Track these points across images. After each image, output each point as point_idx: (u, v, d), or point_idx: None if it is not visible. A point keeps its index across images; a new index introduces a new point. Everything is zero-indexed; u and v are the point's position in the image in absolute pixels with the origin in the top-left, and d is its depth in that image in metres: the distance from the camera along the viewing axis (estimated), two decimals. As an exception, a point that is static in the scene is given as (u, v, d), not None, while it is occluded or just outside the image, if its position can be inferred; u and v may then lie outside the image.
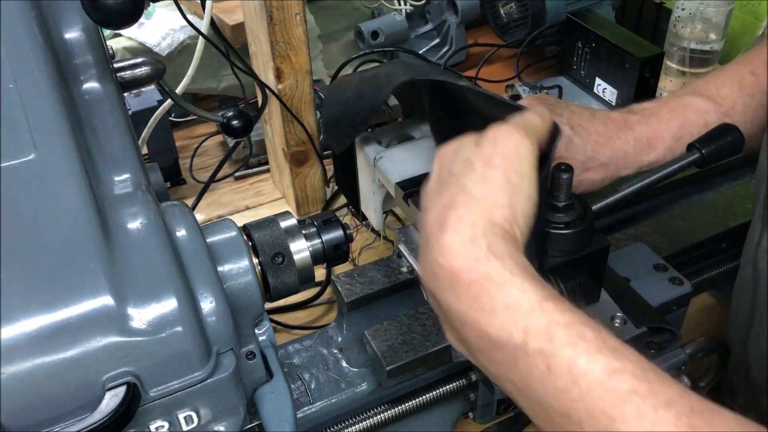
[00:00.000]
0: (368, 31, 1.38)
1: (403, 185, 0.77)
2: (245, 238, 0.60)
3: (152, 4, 0.64)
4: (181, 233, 0.53)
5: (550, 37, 1.39)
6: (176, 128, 1.33)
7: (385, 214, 0.87)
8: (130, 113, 1.09)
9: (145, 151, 1.15)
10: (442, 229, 0.49)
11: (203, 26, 0.94)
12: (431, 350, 0.69)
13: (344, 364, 0.74)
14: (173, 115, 1.32)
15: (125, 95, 0.93)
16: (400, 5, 1.48)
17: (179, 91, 1.03)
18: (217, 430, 0.53)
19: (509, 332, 0.45)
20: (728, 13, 1.28)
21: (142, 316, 0.47)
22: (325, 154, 1.15)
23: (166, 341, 0.47)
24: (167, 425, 0.50)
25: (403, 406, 0.72)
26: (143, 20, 1.26)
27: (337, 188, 1.18)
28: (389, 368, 0.67)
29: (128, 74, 0.71)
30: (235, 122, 0.87)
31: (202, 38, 0.96)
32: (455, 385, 0.73)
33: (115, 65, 0.68)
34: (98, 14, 0.49)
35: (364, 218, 0.93)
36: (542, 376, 0.43)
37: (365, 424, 0.71)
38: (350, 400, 0.72)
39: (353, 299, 0.74)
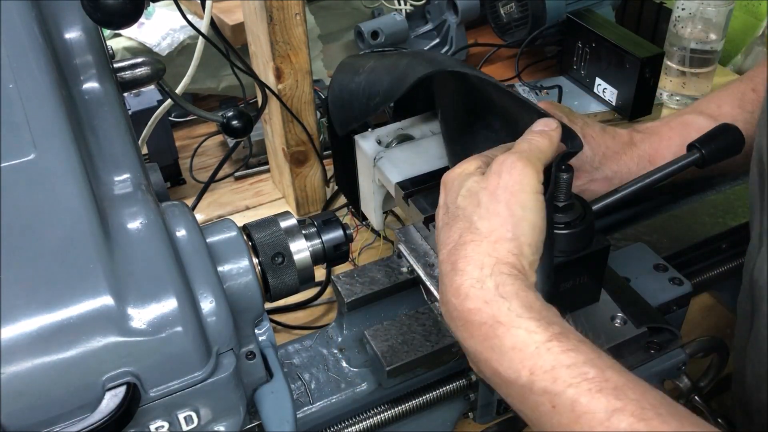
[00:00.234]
0: (368, 31, 1.38)
1: (403, 185, 0.77)
2: (245, 238, 0.60)
3: (152, 4, 0.64)
4: (181, 233, 0.53)
5: (550, 37, 1.39)
6: (176, 128, 1.33)
7: (385, 214, 0.87)
8: (130, 113, 1.09)
9: (145, 151, 1.15)
10: (453, 270, 0.52)
11: (203, 26, 0.94)
12: (431, 350, 0.69)
13: (344, 364, 0.74)
14: (173, 115, 1.32)
15: (125, 95, 0.93)
16: (400, 5, 1.48)
17: (179, 91, 1.03)
18: (217, 430, 0.53)
19: (517, 372, 0.48)
20: (728, 13, 1.28)
21: (142, 316, 0.47)
22: (325, 154, 1.15)
23: (166, 341, 0.47)
24: (167, 425, 0.50)
25: (403, 406, 0.72)
26: (143, 20, 1.26)
27: (337, 188, 1.18)
28: (389, 368, 0.67)
29: (128, 74, 0.71)
30: (235, 122, 0.86)
31: (202, 38, 0.96)
32: (455, 385, 0.73)
33: (115, 65, 0.68)
34: (98, 14, 0.49)
35: (364, 218, 0.93)
36: (549, 413, 0.46)
37: (365, 424, 0.71)
38: (350, 400, 0.72)
39: (353, 299, 0.74)
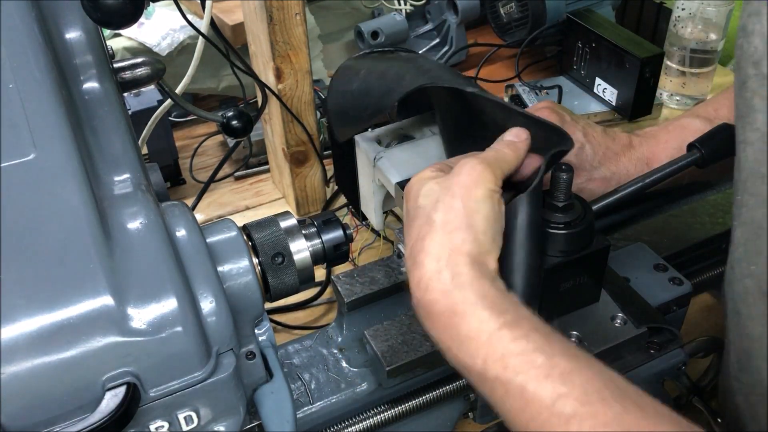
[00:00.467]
0: (368, 31, 1.38)
1: (403, 185, 0.77)
2: (245, 238, 0.60)
3: (152, 4, 0.64)
4: (181, 233, 0.53)
5: (550, 37, 1.39)
6: (176, 128, 1.33)
7: (385, 214, 0.87)
8: (130, 113, 1.09)
9: (145, 151, 1.15)
10: (414, 264, 0.55)
11: (203, 26, 0.94)
12: (431, 350, 0.69)
13: (344, 364, 0.74)
14: (173, 115, 1.32)
15: (125, 95, 0.93)
16: (400, 5, 1.49)
17: (179, 91, 1.03)
18: (217, 430, 0.53)
19: (473, 359, 0.50)
20: (728, 13, 1.28)
21: (142, 316, 0.47)
22: (325, 154, 1.15)
23: (166, 341, 0.47)
24: (167, 425, 0.50)
25: (403, 406, 0.72)
26: (143, 20, 1.26)
27: (337, 188, 1.18)
28: (389, 368, 0.67)
29: (128, 74, 0.71)
30: (235, 122, 0.87)
31: (202, 38, 0.96)
32: (455, 385, 0.73)
33: (115, 65, 0.68)
34: (98, 14, 0.49)
35: (364, 218, 0.92)
36: (502, 398, 0.49)
37: (365, 424, 0.71)
38: (350, 400, 0.72)
39: (353, 299, 0.74)
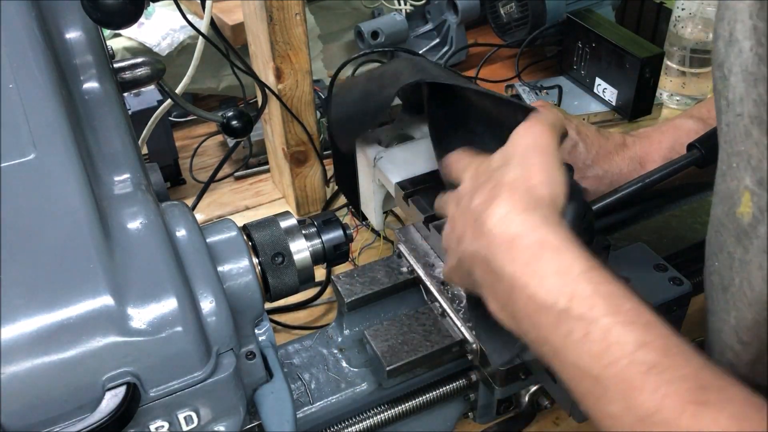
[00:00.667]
0: (368, 31, 1.38)
1: (403, 185, 0.77)
2: (245, 238, 0.60)
3: (152, 4, 0.64)
4: (181, 233, 0.53)
5: (550, 37, 1.39)
6: (176, 128, 1.33)
7: (385, 214, 0.87)
8: (130, 113, 1.09)
9: (145, 151, 1.15)
10: (496, 204, 0.53)
11: (203, 26, 0.94)
12: (431, 350, 0.69)
13: (344, 364, 0.74)
14: (173, 115, 1.32)
15: (125, 95, 0.93)
16: (400, 5, 1.48)
17: (179, 91, 1.03)
18: (217, 430, 0.53)
19: (556, 297, 0.48)
20: (728, 13, 1.27)
21: (142, 316, 0.47)
22: (325, 154, 1.15)
23: (166, 341, 0.47)
24: (167, 425, 0.50)
25: (403, 406, 0.72)
26: (143, 20, 1.26)
27: (337, 188, 1.18)
28: (389, 368, 0.67)
29: (128, 74, 0.71)
30: (235, 122, 0.87)
31: (202, 38, 0.96)
32: (455, 385, 0.73)
33: (115, 65, 0.69)
34: (98, 14, 0.50)
35: (364, 218, 0.93)
36: (580, 341, 0.47)
37: (365, 424, 0.71)
38: (350, 400, 0.72)
39: (353, 299, 0.74)
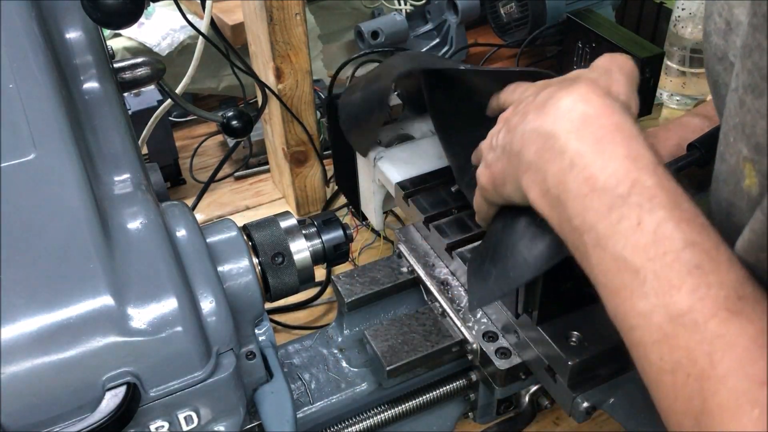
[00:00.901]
0: (368, 31, 1.38)
1: (403, 185, 0.77)
2: (245, 238, 0.60)
3: (152, 4, 0.64)
4: (181, 233, 0.53)
5: (550, 37, 1.39)
6: (176, 128, 1.33)
7: (385, 214, 0.87)
8: (130, 113, 1.09)
9: (145, 151, 1.15)
10: (574, 87, 0.52)
11: (203, 26, 0.94)
12: (431, 350, 0.69)
13: (344, 364, 0.74)
14: (173, 115, 1.32)
15: (125, 95, 0.93)
16: (400, 5, 1.48)
17: (179, 91, 1.03)
18: (217, 430, 0.53)
19: (619, 181, 0.47)
20: (728, 13, 1.27)
21: (142, 316, 0.47)
22: (325, 154, 1.15)
23: (166, 341, 0.47)
24: (167, 425, 0.50)
25: (403, 406, 0.72)
26: (143, 20, 1.26)
27: (337, 188, 1.18)
28: (389, 368, 0.67)
29: (128, 74, 0.71)
30: (235, 122, 0.87)
31: (202, 38, 0.96)
32: (455, 385, 0.73)
33: (115, 65, 0.69)
34: (98, 14, 0.50)
35: (364, 218, 0.93)
36: (630, 229, 0.46)
37: (365, 424, 0.71)
38: (350, 400, 0.72)
39: (353, 299, 0.74)
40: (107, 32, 1.20)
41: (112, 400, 0.45)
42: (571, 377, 0.61)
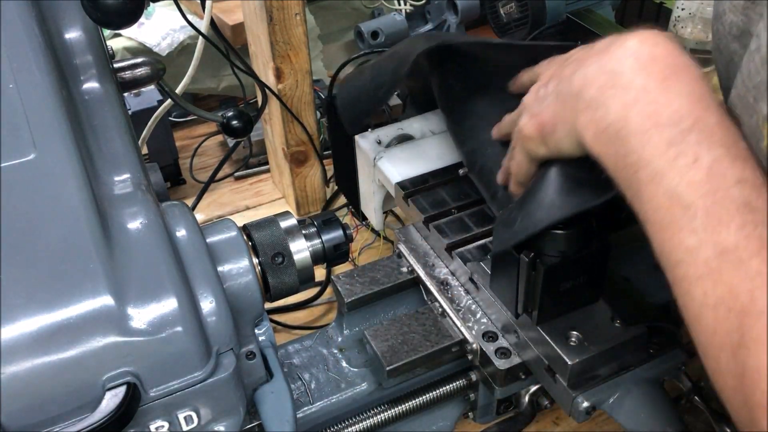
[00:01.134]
0: (368, 31, 1.38)
1: (403, 185, 0.77)
2: (245, 238, 0.60)
3: (152, 4, 0.64)
4: (181, 233, 0.53)
5: (549, 37, 1.39)
6: (176, 128, 1.33)
7: (385, 214, 0.87)
8: (130, 113, 1.09)
9: (145, 151, 1.15)
10: (634, 34, 0.53)
11: (203, 26, 0.94)
12: (431, 350, 0.69)
13: (344, 364, 0.74)
14: (173, 115, 1.32)
15: (125, 95, 0.93)
16: (400, 5, 1.48)
17: (179, 91, 1.03)
18: (217, 430, 0.53)
19: (682, 117, 0.48)
20: (728, 13, 1.27)
21: (142, 316, 0.47)
22: (325, 154, 1.15)
23: (166, 341, 0.47)
24: (167, 425, 0.50)
25: (403, 406, 0.72)
26: (143, 20, 1.26)
27: (337, 188, 1.18)
28: (389, 368, 0.67)
29: (128, 74, 0.71)
30: (235, 122, 0.87)
31: (202, 38, 0.96)
32: (455, 385, 0.73)
33: (115, 65, 0.69)
34: (98, 14, 0.50)
35: (364, 218, 0.93)
36: (687, 166, 0.46)
37: (365, 424, 0.71)
38: (350, 400, 0.72)
39: (353, 299, 0.74)
40: (107, 32, 1.20)
41: (112, 400, 0.45)
42: (570, 377, 0.61)
